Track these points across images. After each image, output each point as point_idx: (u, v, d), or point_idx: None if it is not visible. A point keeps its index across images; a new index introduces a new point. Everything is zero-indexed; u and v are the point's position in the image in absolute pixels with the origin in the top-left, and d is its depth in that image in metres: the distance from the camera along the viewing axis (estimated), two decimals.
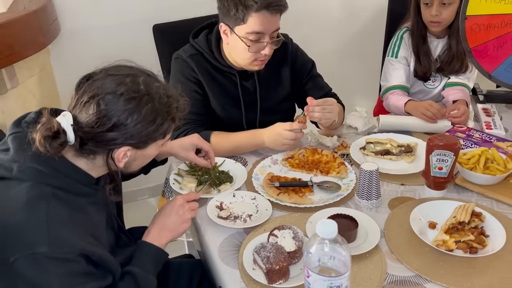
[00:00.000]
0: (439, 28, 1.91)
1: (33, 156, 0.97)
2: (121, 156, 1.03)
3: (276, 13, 1.52)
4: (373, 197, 1.33)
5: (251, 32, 1.53)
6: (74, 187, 1.02)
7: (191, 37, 1.72)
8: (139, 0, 2.32)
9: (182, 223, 1.20)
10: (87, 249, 0.97)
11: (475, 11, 1.75)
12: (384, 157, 1.58)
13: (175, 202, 1.21)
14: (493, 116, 1.82)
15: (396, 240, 1.20)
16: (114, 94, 0.98)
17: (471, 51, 1.81)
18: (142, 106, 0.99)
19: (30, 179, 0.97)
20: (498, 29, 1.76)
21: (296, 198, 1.36)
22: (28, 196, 0.94)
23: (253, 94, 1.74)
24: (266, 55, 1.58)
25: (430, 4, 1.86)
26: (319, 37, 2.81)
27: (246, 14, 1.50)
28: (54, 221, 0.93)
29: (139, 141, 1.03)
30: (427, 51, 1.97)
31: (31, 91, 1.99)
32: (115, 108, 0.97)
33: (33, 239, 0.91)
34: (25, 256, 0.90)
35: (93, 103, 0.97)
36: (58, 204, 0.96)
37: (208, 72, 1.68)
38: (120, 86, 0.99)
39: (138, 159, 1.09)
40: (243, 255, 1.16)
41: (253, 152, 1.66)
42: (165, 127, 1.06)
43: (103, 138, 0.99)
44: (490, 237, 1.18)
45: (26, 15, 1.81)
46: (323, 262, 0.89)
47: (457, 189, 1.42)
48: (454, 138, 1.35)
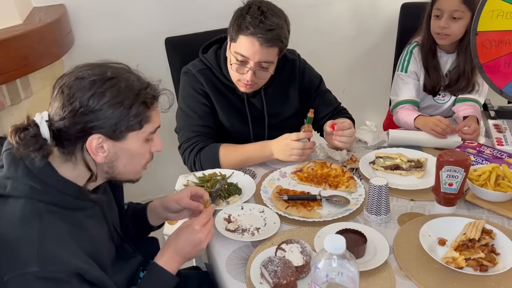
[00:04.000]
0: (446, 41, 1.90)
1: (25, 173, 0.96)
2: (95, 146, 0.97)
3: (267, 45, 1.51)
4: (382, 212, 1.32)
5: (238, 52, 1.55)
6: (67, 202, 1.00)
7: (201, 52, 1.74)
8: (152, 14, 2.36)
9: (195, 247, 1.14)
10: (82, 267, 0.94)
11: (486, 27, 1.75)
12: (393, 172, 1.57)
13: (189, 226, 1.15)
14: (505, 132, 1.80)
15: (405, 257, 1.19)
16: (77, 78, 0.96)
17: (482, 67, 1.80)
18: (106, 88, 0.96)
19: (23, 195, 0.95)
20: (510, 45, 1.76)
21: (305, 212, 1.36)
22: (21, 212, 0.93)
23: (260, 111, 1.75)
24: (248, 80, 1.58)
25: (440, 16, 1.87)
26: (330, 52, 2.83)
27: (238, 34, 1.53)
28: (47, 238, 0.91)
29: (110, 128, 0.97)
30: (437, 65, 1.97)
31: (45, 101, 2.01)
32: (78, 91, 0.95)
33: (25, 258, 0.89)
34: (16, 276, 0.88)
35: (59, 92, 0.97)
36: (53, 220, 0.94)
37: (216, 87, 1.70)
38: (85, 72, 0.97)
39: (121, 156, 1.03)
40: (251, 269, 1.16)
41: (261, 165, 1.66)
42: (136, 111, 0.99)
43: (72, 128, 0.96)
44: (500, 255, 1.16)
45: (42, 27, 1.84)
46: (331, 277, 0.88)
47: (467, 206, 1.41)
48: (464, 154, 1.35)
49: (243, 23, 1.50)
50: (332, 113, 1.82)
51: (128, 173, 1.08)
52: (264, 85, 1.69)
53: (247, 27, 1.49)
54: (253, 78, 1.58)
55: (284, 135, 1.57)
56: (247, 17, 1.49)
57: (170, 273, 1.13)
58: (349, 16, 2.85)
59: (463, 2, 1.82)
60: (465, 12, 1.83)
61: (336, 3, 2.75)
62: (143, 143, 1.05)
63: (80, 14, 2.22)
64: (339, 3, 2.77)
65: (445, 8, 1.85)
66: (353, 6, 2.82)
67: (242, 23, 1.50)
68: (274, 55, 1.57)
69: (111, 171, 1.05)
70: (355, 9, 2.84)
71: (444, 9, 1.85)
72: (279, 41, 1.53)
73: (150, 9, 2.35)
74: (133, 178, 1.12)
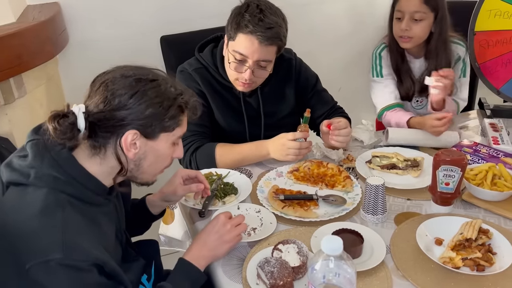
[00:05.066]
0: (409, 44, 1.84)
1: (51, 163, 0.98)
2: (129, 142, 1.01)
3: (267, 44, 1.50)
4: (379, 212, 1.32)
5: (236, 51, 1.54)
6: (87, 196, 1.02)
7: (197, 50, 1.73)
8: (147, 12, 2.34)
9: (223, 244, 1.17)
10: (102, 259, 0.96)
11: (484, 27, 1.75)
12: (390, 171, 1.57)
13: (217, 220, 1.20)
14: (501, 131, 1.80)
15: (402, 256, 1.19)
16: (122, 76, 1.01)
17: (480, 67, 1.80)
18: (148, 88, 1.01)
19: (46, 185, 0.97)
20: (507, 45, 1.76)
21: (301, 212, 1.36)
22: (43, 202, 0.94)
23: (256, 110, 1.74)
24: (246, 79, 1.57)
25: (402, 18, 1.81)
26: (326, 50, 2.82)
27: (237, 32, 1.52)
28: (69, 228, 0.93)
29: (146, 125, 1.01)
30: (408, 70, 1.91)
31: (39, 100, 2.00)
32: (122, 87, 0.99)
33: (48, 245, 0.91)
34: (39, 263, 0.90)
35: (102, 86, 1.00)
36: (73, 212, 0.96)
37: (212, 86, 1.69)
38: (129, 71, 1.03)
39: (149, 155, 1.06)
40: (247, 270, 1.15)
41: (258, 164, 1.65)
42: (172, 113, 1.04)
43: (110, 120, 0.99)
44: (497, 255, 1.16)
45: (35, 26, 1.82)
46: (328, 279, 0.88)
47: (464, 205, 1.41)
48: (461, 153, 1.34)
49: (242, 21, 1.49)
50: (328, 112, 1.81)
51: (149, 173, 1.11)
52: (261, 84, 1.69)
53: (246, 25, 1.48)
54: (252, 77, 1.57)
55: (281, 134, 1.57)
56: (246, 15, 1.49)
57: (198, 268, 1.14)
58: (344, 15, 2.85)
59: (424, 2, 1.77)
60: (427, 13, 1.78)
61: (330, 1, 2.74)
62: (170, 146, 1.10)
63: (75, 13, 2.20)
64: (333, 2, 2.76)
65: (406, 9, 1.79)
66: (348, 4, 2.81)
67: (241, 21, 1.49)
68: (272, 54, 1.56)
69: (135, 169, 1.08)
70: (350, 7, 2.83)
71: (405, 11, 1.79)
72: (278, 39, 1.52)
73: (146, 7, 2.33)
74: (150, 181, 1.14)
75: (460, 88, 1.92)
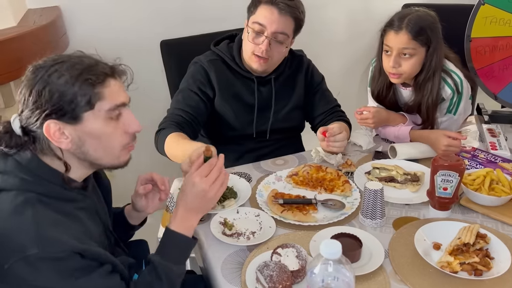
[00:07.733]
0: (398, 80, 1.71)
1: (15, 165, 0.99)
2: (53, 132, 0.98)
3: (285, 13, 1.58)
4: (378, 216, 1.33)
5: (255, 21, 1.60)
6: (58, 191, 1.01)
7: (212, 45, 1.78)
8: (147, 17, 2.35)
9: (202, 199, 1.13)
10: (79, 247, 0.95)
11: (480, 33, 1.76)
12: (388, 184, 1.53)
13: (193, 183, 1.12)
14: (498, 137, 1.82)
15: (400, 261, 1.20)
16: (29, 71, 1.01)
17: (477, 73, 1.81)
18: (50, 74, 0.98)
19: (14, 188, 0.97)
20: (504, 51, 1.77)
21: (300, 216, 1.36)
22: (12, 203, 0.95)
23: (267, 101, 1.78)
24: (263, 50, 1.61)
25: (390, 53, 1.66)
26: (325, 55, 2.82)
27: (257, 5, 1.60)
28: (41, 223, 0.93)
29: (61, 111, 0.97)
30: (392, 101, 1.82)
31: None
32: (27, 82, 0.99)
33: (23, 243, 0.91)
34: (18, 260, 0.90)
35: (22, 89, 1.01)
36: (44, 208, 0.96)
37: (226, 78, 1.73)
38: (36, 64, 1.02)
39: (86, 140, 1.01)
40: (246, 273, 1.16)
41: (257, 168, 1.66)
42: (79, 90, 0.97)
43: (30, 118, 0.98)
44: (495, 260, 1.16)
45: (36, 29, 1.83)
46: (326, 282, 0.88)
47: (462, 210, 1.41)
48: (459, 158, 1.35)
49: None
50: (328, 113, 1.84)
51: (104, 157, 1.05)
52: (275, 75, 1.74)
53: None
54: (268, 49, 1.61)
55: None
56: None
57: (183, 234, 1.13)
58: (343, 19, 2.86)
59: (413, 38, 1.60)
60: (417, 48, 1.62)
61: (329, 6, 2.76)
62: (104, 122, 1.02)
63: (75, 17, 2.22)
64: (332, 6, 2.77)
65: (393, 45, 1.63)
66: (348, 9, 2.83)
67: None
68: (290, 27, 1.62)
69: (85, 157, 1.03)
70: (349, 12, 2.84)
71: (393, 47, 1.64)
72: (298, 11, 1.61)
73: (146, 12, 2.34)
74: (115, 163, 1.08)
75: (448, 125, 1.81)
